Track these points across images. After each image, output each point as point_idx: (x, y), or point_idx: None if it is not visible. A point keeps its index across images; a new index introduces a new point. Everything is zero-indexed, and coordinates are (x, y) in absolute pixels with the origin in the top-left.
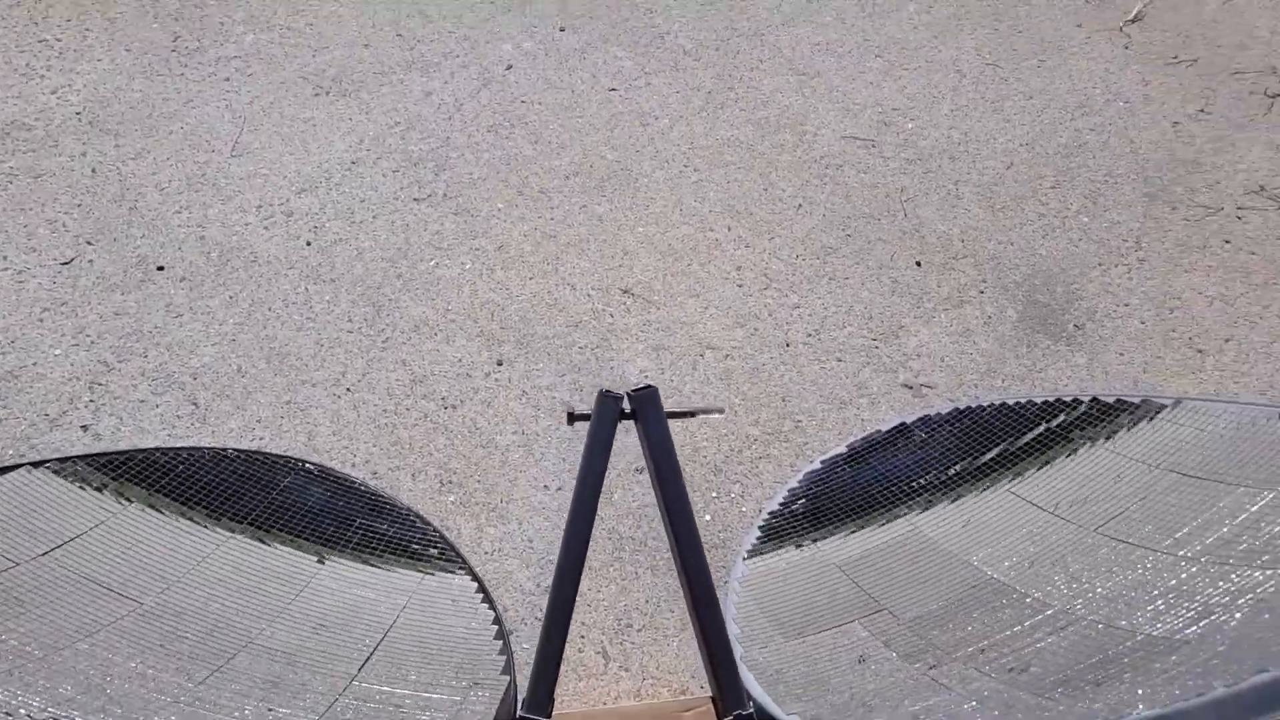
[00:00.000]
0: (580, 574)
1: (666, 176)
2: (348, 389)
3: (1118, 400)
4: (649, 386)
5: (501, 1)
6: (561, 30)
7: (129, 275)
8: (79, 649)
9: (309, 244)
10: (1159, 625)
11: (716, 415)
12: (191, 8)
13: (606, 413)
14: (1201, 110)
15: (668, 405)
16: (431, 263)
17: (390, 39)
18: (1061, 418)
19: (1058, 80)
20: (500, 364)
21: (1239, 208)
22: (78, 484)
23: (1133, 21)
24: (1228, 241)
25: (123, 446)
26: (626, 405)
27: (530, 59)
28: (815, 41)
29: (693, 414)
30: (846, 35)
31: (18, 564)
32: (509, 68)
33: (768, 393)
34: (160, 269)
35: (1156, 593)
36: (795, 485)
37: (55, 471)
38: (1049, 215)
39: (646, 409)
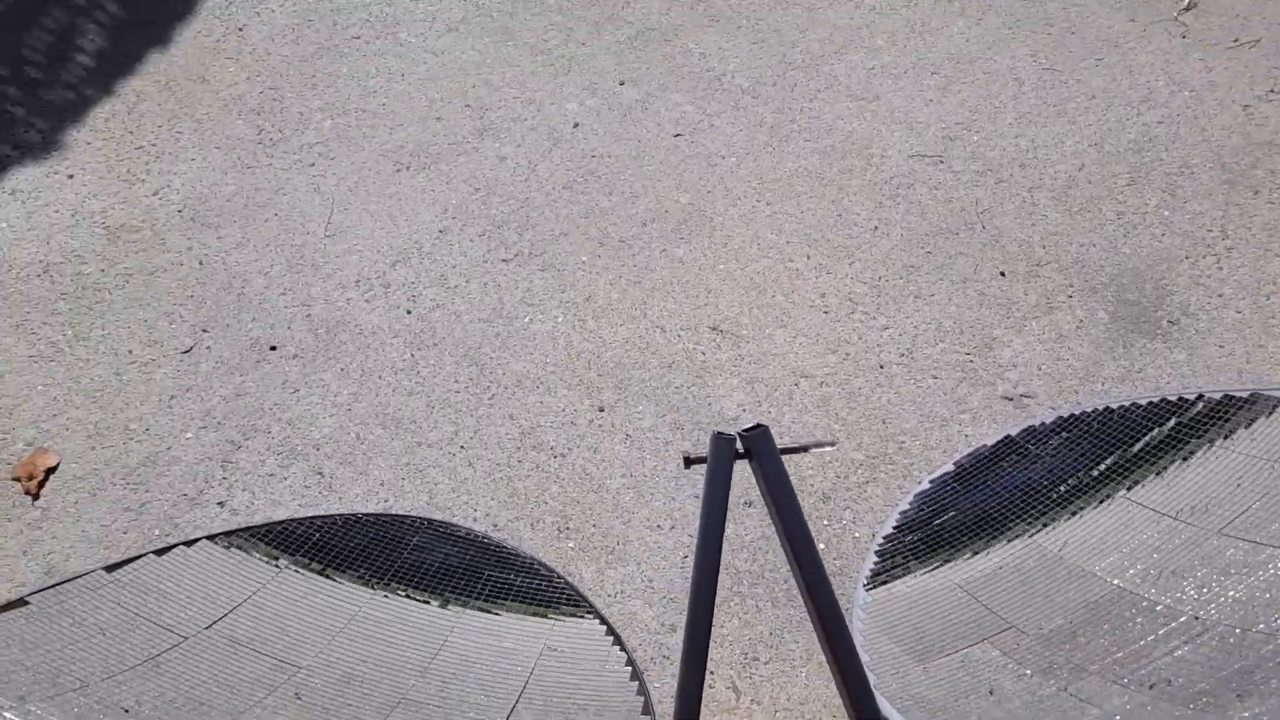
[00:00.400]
0: (711, 619)
1: (740, 213)
2: (461, 446)
3: (1225, 396)
4: (760, 426)
5: (561, 63)
6: (621, 84)
7: (245, 357)
8: (252, 715)
9: (409, 312)
10: None
11: (829, 448)
12: (271, 101)
13: (722, 454)
14: (1271, 90)
15: (778, 441)
16: (526, 319)
17: (460, 110)
18: (1172, 420)
19: (1119, 77)
20: (602, 410)
21: None
22: (228, 557)
23: (1187, 9)
24: None
25: (258, 519)
26: (740, 445)
27: (595, 114)
28: (870, 66)
29: (805, 449)
30: (900, 56)
31: (185, 638)
32: (576, 125)
33: (867, 416)
34: (273, 349)
35: None
36: (906, 508)
37: (207, 549)
38: (1128, 213)
39: (760, 447)
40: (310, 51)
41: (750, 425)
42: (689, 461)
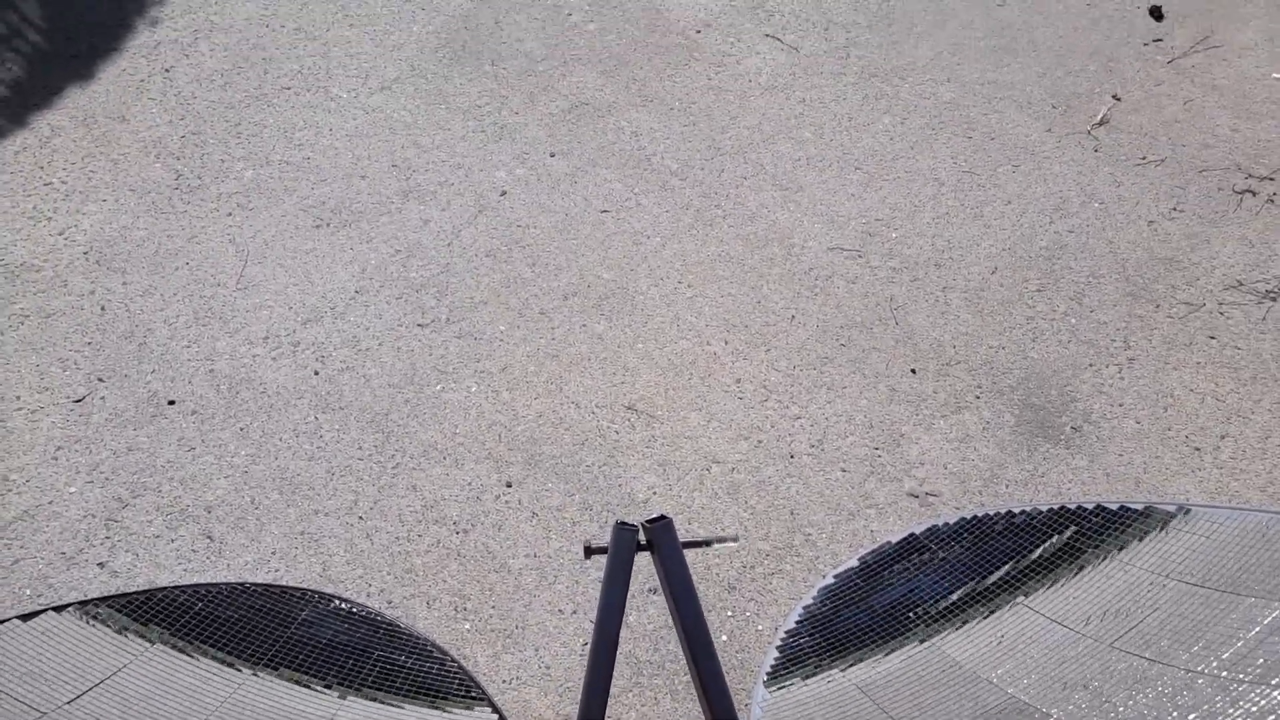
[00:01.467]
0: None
1: (662, 293)
2: (360, 517)
3: (1121, 508)
4: (663, 517)
5: (492, 130)
6: (552, 156)
7: (141, 411)
8: None
9: (317, 373)
10: None
11: (731, 544)
12: (192, 147)
13: (623, 545)
14: (1174, 209)
15: (682, 533)
16: (438, 387)
17: (386, 169)
18: (1070, 529)
19: (1034, 184)
20: (510, 485)
21: (1220, 303)
22: (100, 626)
23: (1099, 125)
24: (1213, 337)
25: (139, 583)
26: (642, 537)
27: (523, 184)
28: (796, 157)
29: (708, 543)
30: (826, 150)
31: (44, 714)
32: (503, 194)
33: (775, 506)
34: (171, 403)
35: (1178, 713)
36: (810, 602)
37: (77, 616)
38: (1037, 318)
39: (662, 540)
40: (238, 99)
41: (654, 516)
42: (589, 551)
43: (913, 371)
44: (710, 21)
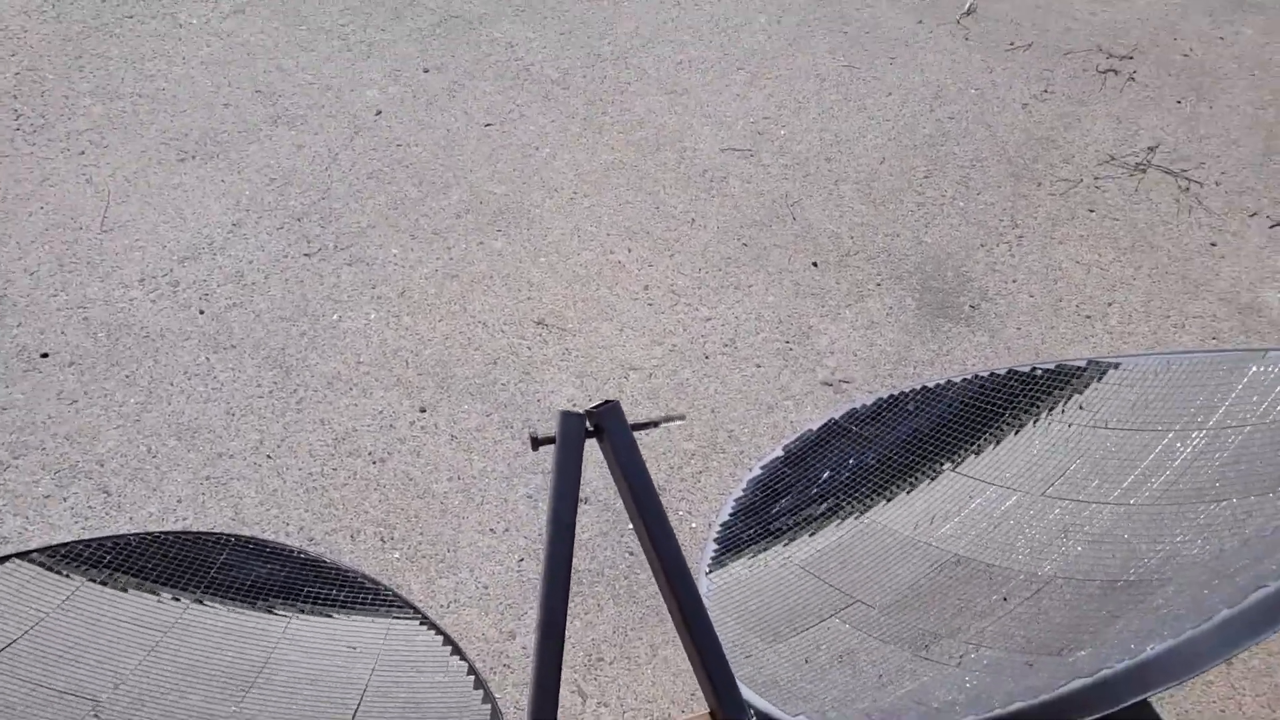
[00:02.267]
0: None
1: (558, 205)
2: (268, 456)
3: (1033, 369)
4: (611, 402)
5: (359, 49)
6: (425, 72)
7: (11, 367)
8: None
9: (202, 312)
10: (1132, 571)
11: (679, 421)
12: (30, 84)
13: (571, 433)
14: (1045, 90)
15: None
16: (334, 316)
17: (250, 96)
18: (983, 393)
19: (911, 74)
20: (424, 411)
21: (1095, 178)
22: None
23: (967, 14)
24: (1091, 211)
25: (35, 545)
26: (589, 423)
27: (398, 103)
28: (678, 60)
29: (656, 424)
30: (706, 51)
31: None
32: (379, 113)
33: (696, 406)
34: (45, 356)
35: (1120, 542)
36: (740, 494)
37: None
38: (927, 204)
39: (611, 423)
40: (75, 30)
41: (599, 403)
42: (537, 442)
43: (814, 265)
44: None
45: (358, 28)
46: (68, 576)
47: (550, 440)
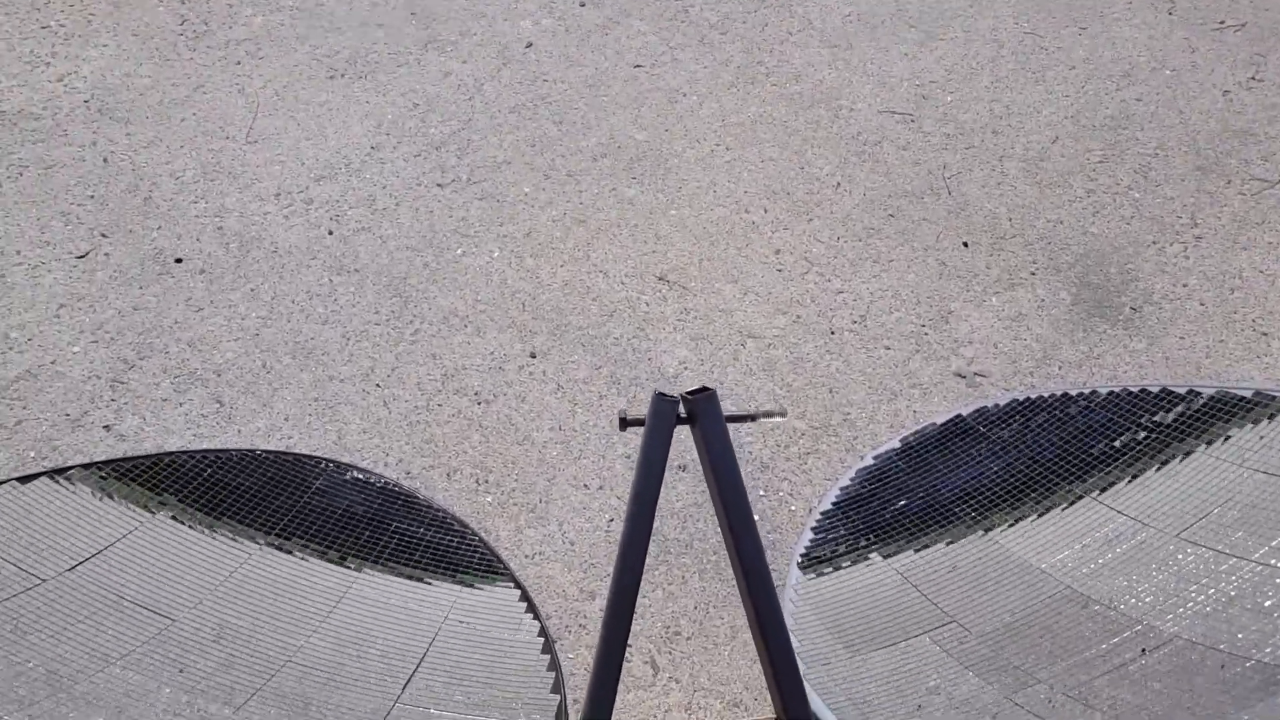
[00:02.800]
0: (637, 593)
1: (698, 156)
2: (377, 384)
3: (1190, 391)
4: (707, 389)
5: None
6: (582, 5)
7: (146, 269)
8: (111, 673)
9: (331, 233)
10: (1268, 650)
11: (779, 419)
12: None
13: (662, 417)
14: (1252, 78)
15: (726, 408)
16: (458, 250)
17: (404, 18)
18: (1130, 410)
19: (1101, 48)
20: (534, 356)
21: None
22: (103, 493)
23: None
24: None
25: (147, 448)
26: (682, 409)
27: (550, 36)
28: (846, 12)
29: (754, 418)
30: (879, 5)
31: (43, 580)
32: (529, 45)
33: (814, 384)
34: (179, 261)
35: (1258, 611)
36: (848, 483)
37: (80, 480)
38: (1098, 191)
39: (705, 413)
40: None
41: (695, 388)
42: (625, 423)
43: (965, 245)
44: None
45: None
46: (165, 490)
47: (640, 422)
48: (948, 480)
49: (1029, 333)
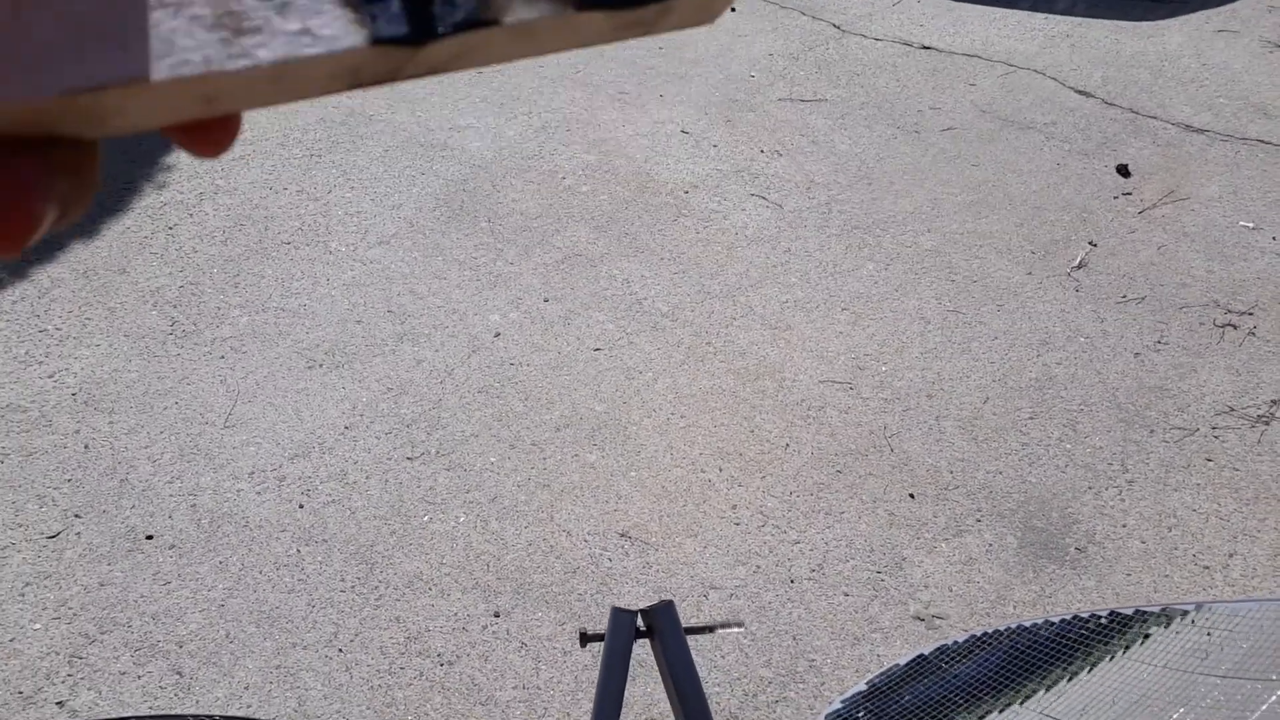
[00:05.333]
0: None
1: (655, 424)
2: (340, 649)
3: (1136, 611)
4: (665, 601)
5: (487, 279)
6: (545, 301)
7: (117, 546)
8: None
9: (301, 506)
10: None
11: (736, 630)
12: (190, 295)
13: (621, 630)
14: (1158, 341)
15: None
16: (425, 517)
17: (381, 315)
18: (1084, 634)
19: (1019, 321)
20: (497, 615)
21: (1214, 428)
22: None
23: (1078, 268)
24: (1209, 460)
25: None
26: (641, 622)
27: (517, 327)
28: (784, 300)
29: (711, 629)
30: (813, 293)
31: None
32: (497, 335)
33: (777, 631)
34: (149, 538)
35: None
36: None
37: None
38: (1031, 444)
39: (663, 624)
40: (238, 252)
41: (654, 603)
42: (585, 639)
43: (911, 496)
44: (697, 184)
45: (488, 261)
46: None
47: (599, 638)
48: (915, 717)
49: (981, 575)
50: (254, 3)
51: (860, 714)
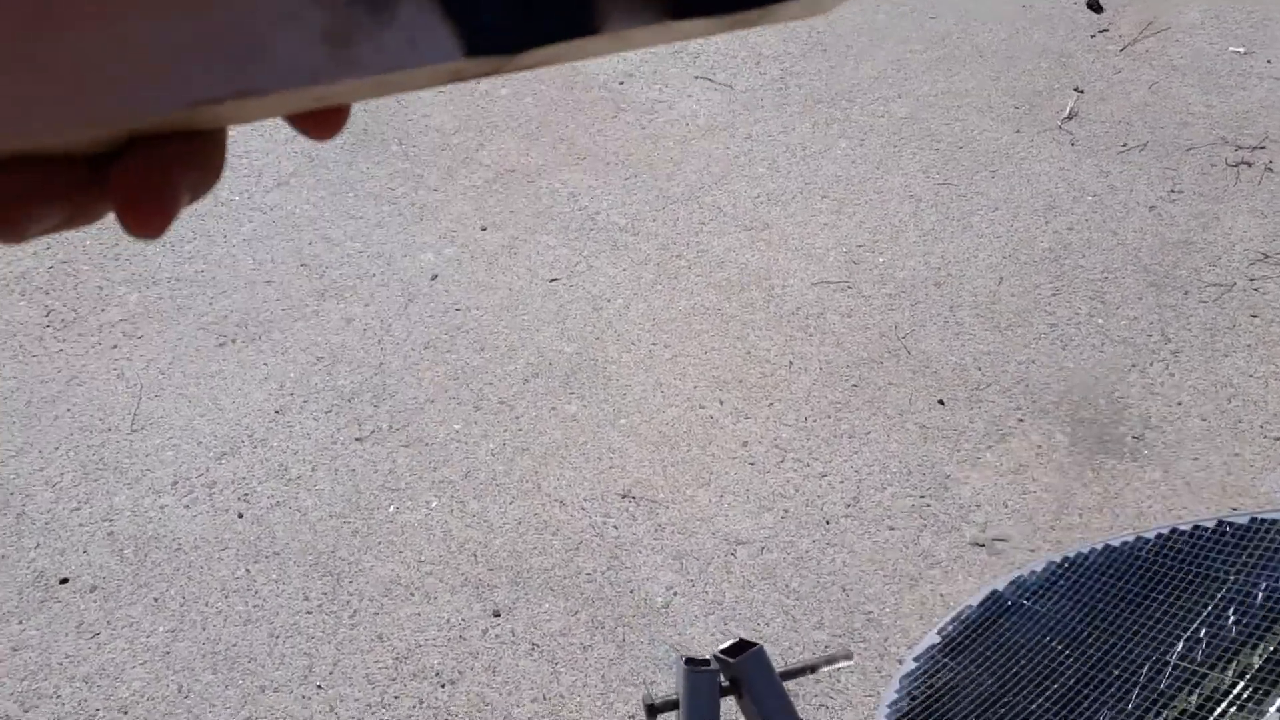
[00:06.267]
0: None
1: (636, 359)
2: (318, 686)
3: (1253, 519)
4: (747, 644)
5: (410, 212)
6: (483, 230)
7: (26, 597)
8: None
9: (241, 515)
10: None
11: (846, 664)
12: (64, 277)
13: (701, 692)
14: (1172, 190)
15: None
16: (390, 509)
17: (294, 270)
18: (1191, 550)
19: (1018, 187)
20: (498, 615)
21: (1251, 280)
22: None
23: (1069, 119)
24: (1255, 315)
25: None
26: (724, 677)
27: (455, 264)
28: (754, 194)
29: (814, 668)
30: (785, 182)
31: None
32: (434, 277)
33: (822, 584)
34: (64, 581)
35: None
36: (895, 697)
37: None
38: (1060, 324)
39: (753, 676)
40: (112, 220)
41: (730, 643)
42: (654, 710)
43: (940, 403)
44: (632, 72)
45: (408, 191)
46: None
47: (672, 705)
48: (1006, 669)
49: (1036, 484)
50: (362, 17)
51: (941, 672)
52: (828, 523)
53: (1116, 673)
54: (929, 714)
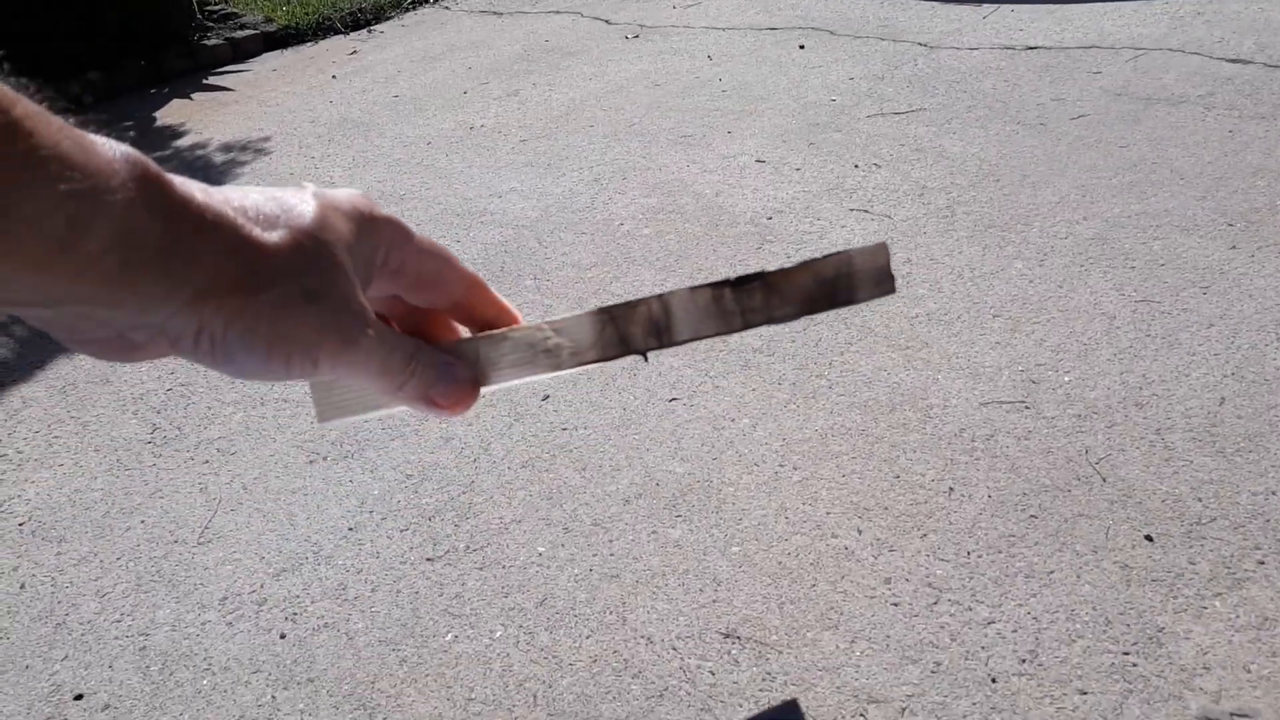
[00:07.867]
0: None
1: (757, 481)
2: None
3: None
4: None
5: None
6: None
7: (34, 712)
8: None
9: (283, 636)
10: None
11: None
12: (177, 399)
13: None
14: None
15: None
16: (448, 636)
17: None
18: None
19: (1236, 303)
20: None
21: None
22: None
23: None
24: None
25: None
26: None
27: (569, 385)
28: (912, 314)
29: None
30: (949, 302)
31: None
32: (545, 398)
33: None
34: (79, 698)
35: None
36: None
37: None
38: None
39: None
40: None
41: None
42: None
43: (1148, 539)
44: (782, 209)
45: (535, 319)
46: None
47: None
48: None
49: None
50: (559, 341)
51: None
52: (993, 680)
53: None
54: None
